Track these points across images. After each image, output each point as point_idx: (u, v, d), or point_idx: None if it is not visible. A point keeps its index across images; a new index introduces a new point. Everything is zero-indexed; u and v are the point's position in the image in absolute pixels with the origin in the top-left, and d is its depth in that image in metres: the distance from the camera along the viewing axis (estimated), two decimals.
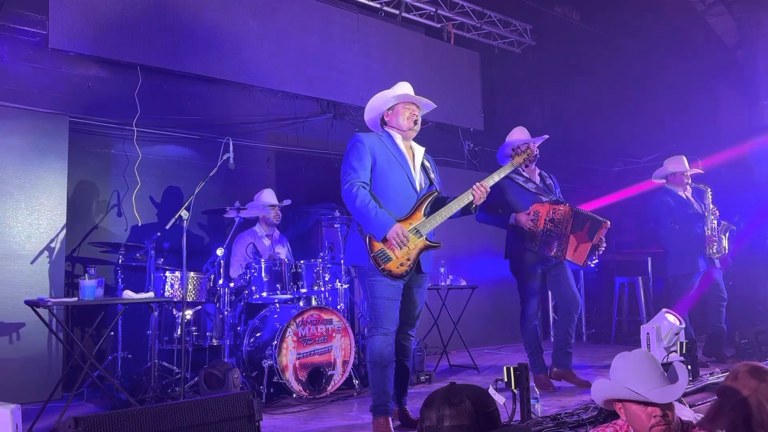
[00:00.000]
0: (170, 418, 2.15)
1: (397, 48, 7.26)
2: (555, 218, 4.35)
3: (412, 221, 3.40)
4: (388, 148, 3.48)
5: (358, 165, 3.39)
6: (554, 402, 3.97)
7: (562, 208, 4.37)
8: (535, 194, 4.52)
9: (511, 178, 4.54)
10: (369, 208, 3.30)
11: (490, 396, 1.77)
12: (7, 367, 4.39)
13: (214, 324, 4.64)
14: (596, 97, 8.56)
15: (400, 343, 3.54)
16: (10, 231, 4.60)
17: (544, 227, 4.35)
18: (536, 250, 4.39)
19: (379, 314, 3.37)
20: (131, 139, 5.47)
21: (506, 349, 7.00)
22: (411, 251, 3.36)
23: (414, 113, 3.53)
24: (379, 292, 3.36)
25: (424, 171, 3.59)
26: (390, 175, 3.43)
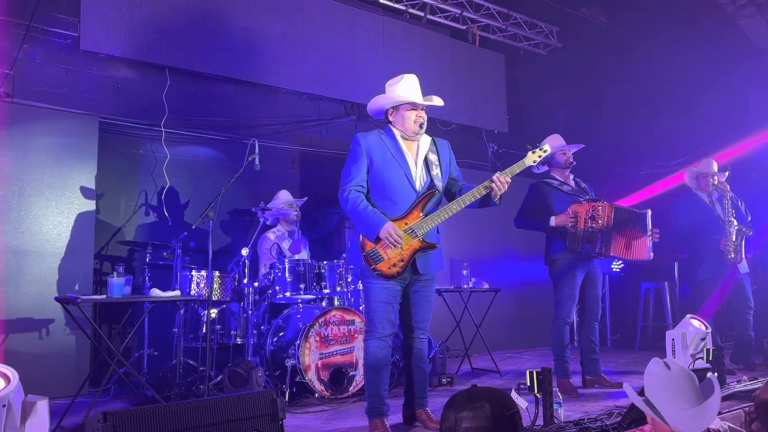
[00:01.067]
0: (196, 414, 2.19)
1: (422, 50, 7.27)
2: (595, 215, 4.37)
3: (408, 221, 3.33)
4: (386, 147, 3.42)
5: (354, 168, 3.39)
6: (578, 407, 3.94)
7: (601, 204, 4.40)
8: (571, 195, 4.57)
9: (547, 182, 4.63)
10: (359, 209, 3.29)
11: (510, 399, 1.77)
12: (37, 362, 4.49)
13: (238, 323, 4.70)
14: (623, 99, 8.47)
15: (412, 347, 3.52)
16: (41, 229, 4.71)
17: (585, 226, 4.37)
18: (579, 250, 4.40)
19: (372, 318, 3.36)
20: (159, 139, 5.56)
21: (528, 353, 6.96)
22: (404, 251, 3.30)
23: (420, 116, 3.44)
24: (374, 295, 3.34)
25: (426, 167, 3.47)
26: (387, 174, 3.37)
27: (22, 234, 4.63)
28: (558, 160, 4.68)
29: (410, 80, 3.47)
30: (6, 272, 4.53)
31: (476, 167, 7.54)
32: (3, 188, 4.58)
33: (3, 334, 4.46)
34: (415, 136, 3.45)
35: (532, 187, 4.71)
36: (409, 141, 3.49)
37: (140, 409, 2.09)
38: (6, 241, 4.55)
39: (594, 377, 4.65)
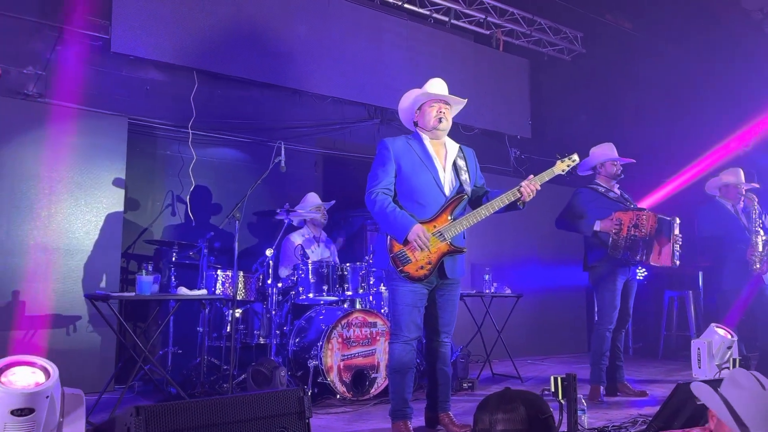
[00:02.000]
0: (225, 410, 2.22)
1: (446, 55, 7.28)
2: (639, 224, 4.38)
3: (437, 224, 3.33)
4: (414, 151, 3.43)
5: (381, 172, 3.41)
6: (601, 414, 3.91)
7: (645, 213, 4.42)
8: (617, 203, 4.61)
9: (594, 188, 4.68)
10: (388, 211, 3.30)
11: (545, 402, 1.77)
12: (64, 358, 4.53)
13: (261, 323, 4.74)
14: (647, 105, 8.40)
15: (436, 350, 3.52)
16: (71, 227, 4.79)
17: (628, 233, 4.38)
18: (620, 257, 4.40)
19: (398, 321, 3.36)
20: (186, 141, 5.63)
21: (550, 360, 6.92)
22: (432, 255, 3.30)
23: (440, 111, 3.45)
24: (400, 297, 3.34)
25: (455, 171, 3.49)
26: (415, 178, 3.38)
27: (52, 232, 4.71)
28: (608, 170, 4.72)
29: (436, 80, 3.54)
30: (35, 269, 4.61)
31: (498, 172, 7.53)
32: (34, 187, 4.67)
33: (32, 329, 4.54)
34: (436, 131, 3.46)
35: (578, 191, 4.73)
36: (436, 144, 3.50)
37: (171, 404, 2.12)
38: (36, 238, 4.64)
39: (618, 384, 4.63)
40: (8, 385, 2.12)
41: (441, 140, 3.52)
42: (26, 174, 4.64)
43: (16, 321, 4.49)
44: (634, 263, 4.49)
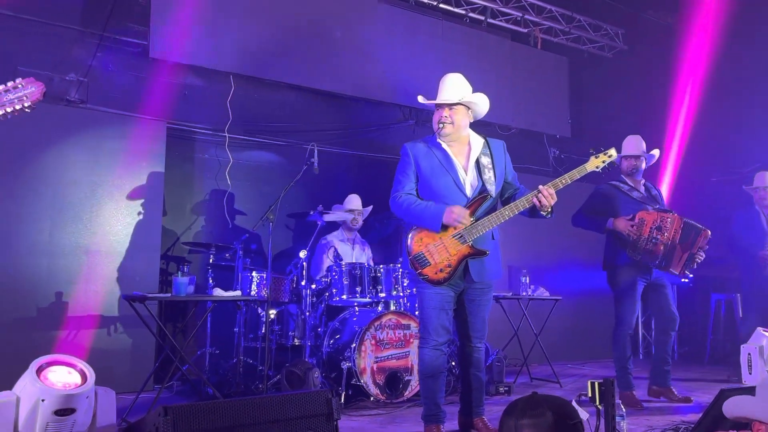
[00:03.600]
0: (252, 411, 2.22)
1: (482, 54, 7.20)
2: (663, 226, 4.19)
3: (458, 226, 3.24)
4: (434, 154, 3.36)
5: (403, 177, 3.39)
6: (642, 421, 3.78)
7: (670, 216, 4.22)
8: (640, 203, 4.40)
9: (615, 185, 4.47)
10: (414, 206, 3.26)
11: (573, 408, 1.71)
12: (103, 358, 4.66)
13: (296, 324, 4.76)
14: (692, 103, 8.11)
15: (469, 356, 3.43)
16: (111, 230, 4.91)
17: (650, 235, 4.20)
18: (638, 259, 4.24)
19: (426, 325, 3.29)
20: (223, 144, 5.71)
21: (590, 365, 6.75)
22: (452, 257, 3.21)
23: (441, 116, 3.34)
24: (426, 301, 3.28)
25: (478, 170, 3.37)
26: (434, 182, 3.32)
27: (93, 234, 4.83)
28: (623, 167, 4.51)
29: (444, 79, 3.42)
30: (77, 270, 4.74)
31: (537, 173, 7.41)
32: (76, 190, 4.80)
33: (74, 330, 4.66)
34: (440, 137, 3.37)
35: (598, 189, 4.56)
36: (457, 144, 3.40)
37: (199, 404, 2.13)
38: (78, 240, 4.77)
39: (661, 388, 4.46)
40: (51, 386, 2.18)
41: (462, 139, 3.42)
42: (69, 178, 4.77)
43: (59, 321, 4.62)
44: (650, 268, 4.28)
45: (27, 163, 4.63)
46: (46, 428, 2.18)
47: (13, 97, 2.05)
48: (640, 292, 4.37)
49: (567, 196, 3.74)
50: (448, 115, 3.35)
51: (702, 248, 4.22)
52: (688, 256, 4.19)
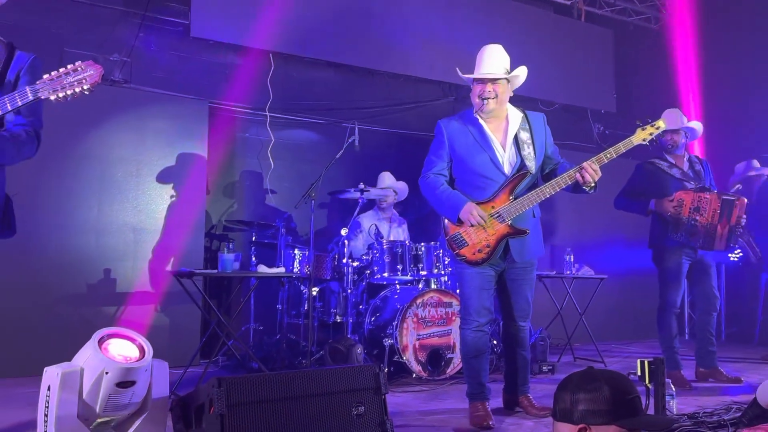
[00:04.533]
0: (302, 384, 2.24)
1: (524, 28, 7.03)
2: (700, 207, 4.07)
3: (495, 204, 3.14)
4: (470, 132, 3.25)
5: (434, 157, 3.30)
6: (691, 401, 3.70)
7: (708, 196, 4.08)
8: (679, 180, 4.26)
9: (655, 163, 4.34)
10: (438, 191, 3.18)
11: (630, 383, 1.66)
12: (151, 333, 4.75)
13: (338, 301, 4.78)
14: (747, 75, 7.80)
15: (514, 335, 3.38)
16: (157, 208, 4.99)
17: (689, 216, 4.08)
18: (681, 240, 4.13)
19: (467, 306, 3.24)
20: (264, 123, 5.73)
21: (636, 345, 6.63)
22: (490, 237, 3.13)
23: (485, 91, 3.20)
24: (467, 281, 3.21)
25: (516, 147, 3.24)
26: (471, 160, 3.21)
27: (139, 212, 4.92)
28: (661, 142, 4.33)
29: (484, 51, 3.28)
30: (125, 248, 4.84)
31: (581, 149, 7.24)
32: (122, 169, 4.89)
33: (122, 306, 4.78)
34: (481, 113, 3.25)
35: (638, 168, 4.45)
36: (495, 120, 3.28)
37: (251, 376, 2.16)
38: (125, 218, 4.87)
39: (709, 370, 4.36)
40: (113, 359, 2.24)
41: (500, 114, 3.29)
42: (115, 157, 4.86)
43: (108, 297, 4.74)
44: (694, 248, 4.18)
45: (75, 142, 4.72)
46: (108, 399, 2.24)
47: (73, 79, 2.09)
48: (686, 271, 4.27)
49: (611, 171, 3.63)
50: (492, 89, 3.21)
51: (740, 218, 4.10)
52: (728, 231, 4.09)
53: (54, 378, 2.22)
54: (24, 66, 2.29)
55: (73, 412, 2.23)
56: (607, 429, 1.59)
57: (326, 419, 2.25)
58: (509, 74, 3.26)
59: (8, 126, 2.28)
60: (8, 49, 2.27)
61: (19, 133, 2.27)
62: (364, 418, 2.33)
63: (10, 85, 2.26)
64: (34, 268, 4.50)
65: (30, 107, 2.20)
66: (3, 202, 2.32)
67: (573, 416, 1.62)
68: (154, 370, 2.34)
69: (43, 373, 2.26)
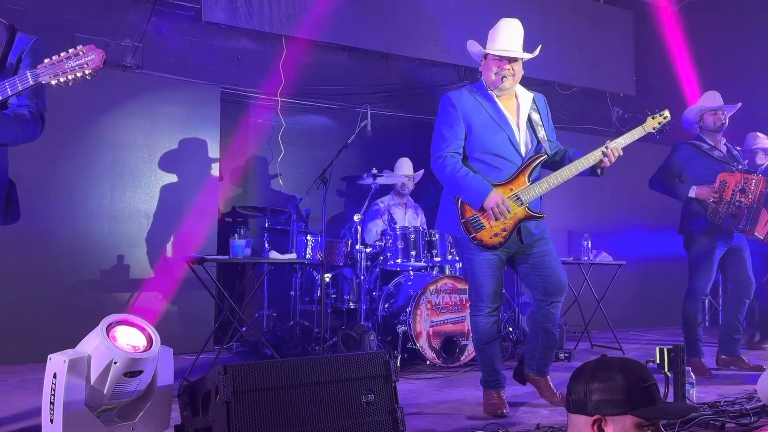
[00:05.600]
0: (310, 371, 2.19)
1: (541, 8, 6.88)
2: (747, 188, 3.96)
3: (514, 187, 3.05)
4: (484, 108, 3.11)
5: (449, 133, 3.11)
6: (712, 389, 3.62)
7: (755, 178, 3.98)
8: (722, 162, 4.15)
9: (695, 145, 4.22)
10: (459, 176, 3.03)
11: (647, 370, 1.59)
12: (164, 319, 4.76)
13: (351, 288, 4.75)
14: None
15: (545, 311, 3.20)
16: (169, 194, 4.97)
17: (732, 198, 3.97)
18: (720, 223, 4.02)
19: (479, 293, 3.14)
20: (276, 108, 5.68)
21: (654, 332, 6.53)
22: (508, 221, 3.03)
23: (503, 68, 3.07)
24: (478, 267, 3.11)
25: (530, 127, 3.16)
26: (488, 139, 3.08)
27: (153, 198, 4.91)
28: (707, 123, 4.23)
29: (503, 25, 3.16)
30: (138, 234, 4.84)
31: (599, 133, 7.10)
32: (135, 155, 4.87)
33: (135, 291, 4.78)
34: (495, 90, 3.12)
35: (677, 147, 4.30)
36: (507, 99, 3.17)
37: (258, 363, 2.12)
38: (138, 204, 4.86)
39: (731, 357, 4.27)
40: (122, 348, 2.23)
41: (511, 93, 3.19)
42: (127, 143, 4.84)
43: (121, 283, 4.75)
44: (737, 231, 4.05)
45: (87, 128, 4.71)
46: (115, 387, 2.24)
47: (74, 64, 2.06)
48: (718, 258, 4.15)
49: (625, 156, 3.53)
50: (511, 67, 3.10)
51: None
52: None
53: (61, 365, 2.20)
54: (26, 48, 2.26)
55: (80, 399, 2.22)
56: (623, 419, 1.53)
57: (335, 407, 2.21)
58: (531, 54, 3.15)
59: (12, 107, 2.25)
60: (9, 32, 2.24)
61: (23, 113, 2.24)
62: (373, 405, 2.29)
63: (11, 68, 2.23)
64: (46, 255, 4.51)
65: (33, 90, 2.17)
66: (6, 187, 2.30)
67: (587, 407, 1.56)
68: (160, 357, 2.31)
69: (48, 360, 2.24)
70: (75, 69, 2.07)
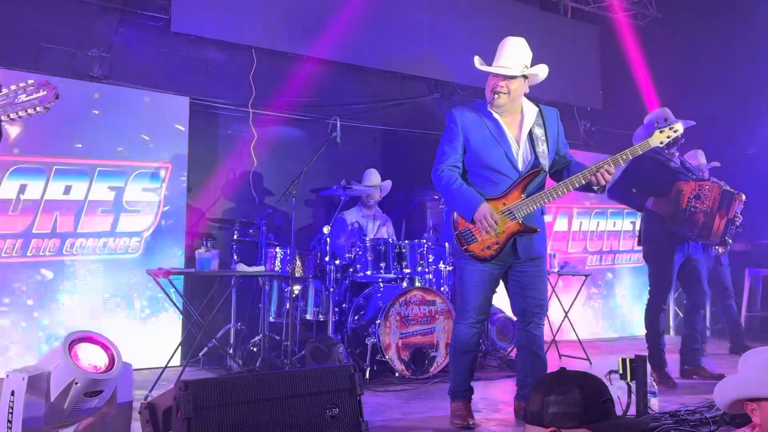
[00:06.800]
0: (274, 385, 2.19)
1: (510, 24, 6.97)
2: (701, 195, 4.11)
3: (507, 201, 3.09)
4: (485, 124, 3.17)
5: (448, 148, 3.20)
6: (674, 398, 3.69)
7: (708, 184, 4.14)
8: (677, 172, 4.29)
9: (652, 156, 4.30)
10: (454, 187, 3.11)
11: (603, 385, 1.63)
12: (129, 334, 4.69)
13: (320, 300, 4.74)
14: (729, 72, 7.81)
15: (528, 333, 3.22)
16: (137, 205, 4.91)
17: (688, 205, 4.10)
18: (677, 231, 4.14)
19: (465, 303, 3.18)
20: (247, 120, 5.66)
21: (621, 342, 6.62)
22: (500, 234, 3.07)
23: (497, 85, 3.12)
24: (468, 278, 3.16)
25: (531, 143, 3.19)
26: (485, 154, 3.14)
27: (119, 209, 4.84)
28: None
29: (503, 44, 3.21)
30: (103, 246, 4.76)
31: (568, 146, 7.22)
32: (101, 166, 4.79)
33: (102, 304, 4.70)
34: (494, 107, 3.18)
35: (635, 159, 4.40)
36: (510, 115, 3.21)
37: (219, 378, 2.12)
38: (105, 215, 4.78)
39: (693, 368, 4.37)
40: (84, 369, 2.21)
41: (515, 109, 3.22)
42: (93, 154, 4.76)
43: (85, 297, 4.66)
44: (693, 239, 4.19)
45: (53, 138, 4.63)
46: (75, 404, 2.21)
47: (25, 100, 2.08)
48: (677, 267, 4.27)
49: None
50: (505, 85, 3.13)
51: (738, 213, 4.18)
52: (725, 223, 4.14)
53: (19, 382, 2.17)
54: None
55: (39, 416, 2.18)
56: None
57: (298, 421, 2.20)
58: (526, 71, 3.18)
59: None
60: None
61: None
62: (338, 419, 2.30)
63: None
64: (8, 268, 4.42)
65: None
66: None
67: (544, 419, 1.58)
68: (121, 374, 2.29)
69: (5, 377, 2.20)
70: (26, 105, 2.07)
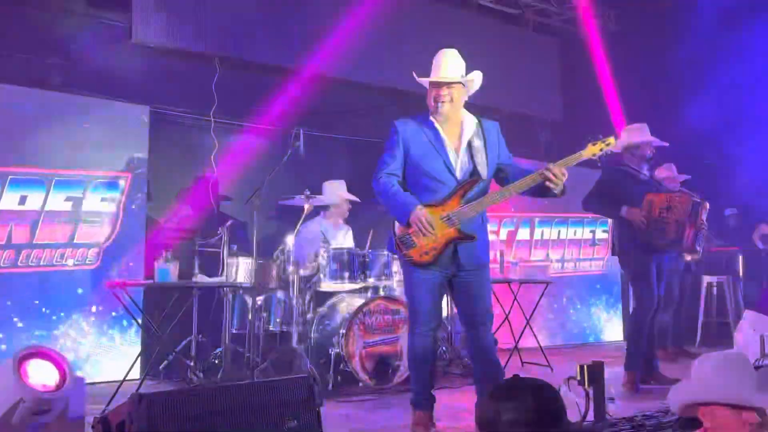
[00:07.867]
0: (230, 398, 2.17)
1: (471, 35, 7.05)
2: (671, 205, 4.22)
3: (446, 208, 3.11)
4: (425, 134, 3.22)
5: (389, 157, 3.24)
6: (632, 404, 3.76)
7: (678, 195, 4.28)
8: (647, 184, 4.44)
9: (622, 169, 4.47)
10: (390, 193, 3.14)
11: (555, 392, 1.65)
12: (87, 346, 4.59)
13: (283, 310, 4.70)
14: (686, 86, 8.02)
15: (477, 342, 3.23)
16: (96, 216, 4.82)
17: (659, 216, 4.21)
18: (649, 240, 4.25)
19: (416, 310, 3.20)
20: (208, 129, 5.60)
21: (583, 349, 6.73)
22: (438, 240, 3.08)
23: (440, 94, 3.17)
24: (415, 285, 3.17)
25: (470, 153, 3.23)
26: (425, 163, 3.18)
27: (78, 221, 4.74)
28: (643, 153, 4.50)
29: (439, 55, 3.29)
30: (61, 258, 4.65)
31: (528, 157, 7.31)
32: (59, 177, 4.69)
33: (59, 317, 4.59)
34: (437, 115, 3.22)
35: (607, 171, 4.52)
36: (450, 124, 3.25)
37: (173, 391, 2.09)
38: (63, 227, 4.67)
39: (650, 374, 4.47)
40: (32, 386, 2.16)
41: (455, 119, 3.27)
42: (51, 164, 4.67)
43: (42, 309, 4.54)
44: (665, 248, 4.32)
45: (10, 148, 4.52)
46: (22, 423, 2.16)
47: None
48: (655, 272, 4.38)
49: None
50: (447, 93, 3.19)
51: (704, 221, 4.31)
52: (694, 233, 4.26)
53: None
54: None
55: None
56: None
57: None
58: (464, 78, 3.25)
59: None
60: None
61: None
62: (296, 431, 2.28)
63: None
64: None
65: None
66: None
67: (497, 426, 1.60)
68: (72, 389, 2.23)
69: None
70: None
